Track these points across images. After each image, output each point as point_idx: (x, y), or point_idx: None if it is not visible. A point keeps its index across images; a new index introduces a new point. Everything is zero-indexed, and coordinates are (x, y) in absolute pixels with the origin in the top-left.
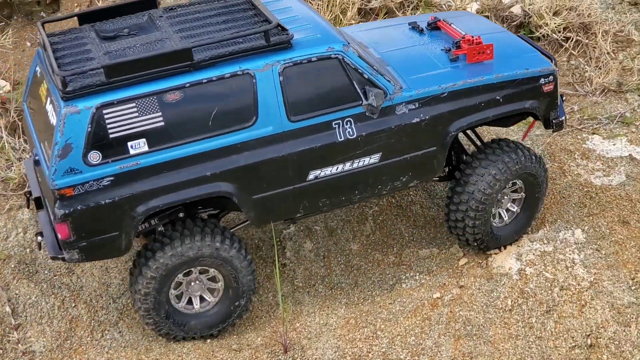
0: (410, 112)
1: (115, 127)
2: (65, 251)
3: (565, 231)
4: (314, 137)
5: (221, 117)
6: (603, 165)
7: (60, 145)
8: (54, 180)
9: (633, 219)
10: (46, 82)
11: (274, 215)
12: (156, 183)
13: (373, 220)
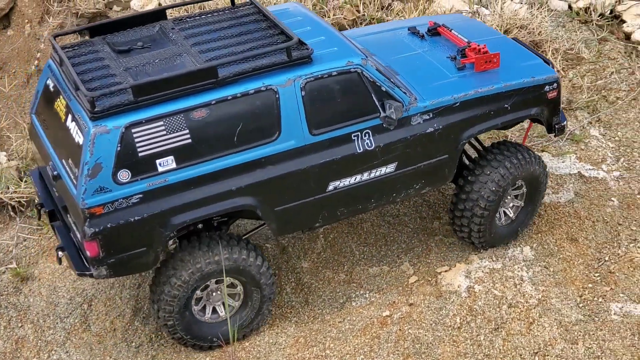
0: (424, 122)
1: (144, 145)
2: (93, 268)
3: (514, 249)
4: (334, 150)
5: (245, 133)
6: (552, 183)
7: (90, 165)
8: (84, 200)
9: (581, 236)
10: (64, 99)
11: (294, 226)
12: (184, 199)
13: (324, 238)
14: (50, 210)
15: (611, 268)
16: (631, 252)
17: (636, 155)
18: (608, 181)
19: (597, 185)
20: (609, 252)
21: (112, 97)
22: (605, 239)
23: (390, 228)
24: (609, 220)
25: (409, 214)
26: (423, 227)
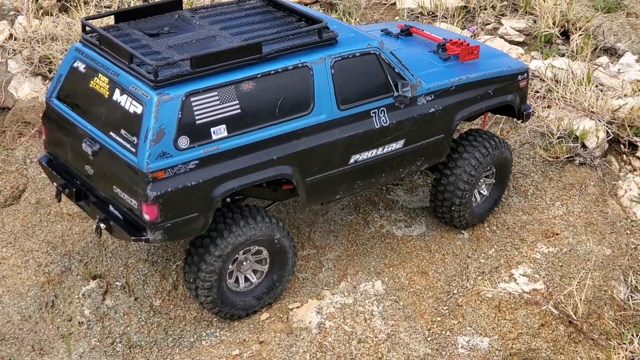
0: (427, 103)
1: (201, 113)
2: (150, 232)
3: (365, 283)
4: (357, 124)
5: (285, 106)
6: (405, 216)
7: (154, 131)
8: (149, 164)
9: (431, 269)
10: (106, 76)
11: (320, 198)
12: (233, 166)
13: (176, 274)
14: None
15: (459, 301)
16: (478, 285)
17: None
18: None
19: None
20: (457, 285)
21: (169, 69)
22: (454, 272)
23: None
24: (459, 253)
25: None
26: None
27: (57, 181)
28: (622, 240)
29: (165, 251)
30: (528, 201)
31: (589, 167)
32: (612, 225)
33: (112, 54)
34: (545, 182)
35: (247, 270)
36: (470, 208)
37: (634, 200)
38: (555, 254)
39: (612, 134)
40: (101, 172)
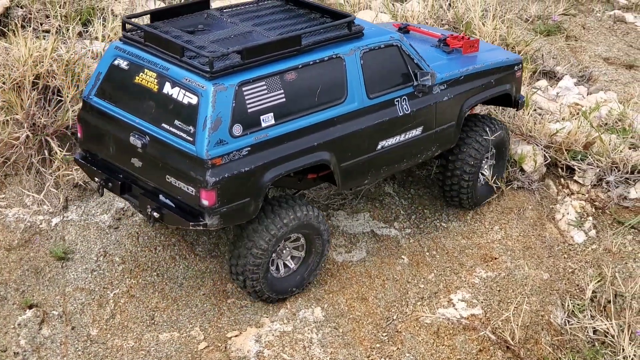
0: (441, 91)
1: (252, 102)
2: (208, 217)
3: (305, 310)
4: (384, 112)
5: (323, 94)
6: (346, 242)
7: (212, 119)
8: (208, 151)
9: (371, 295)
10: (154, 70)
11: (352, 183)
12: (279, 153)
13: (114, 302)
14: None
15: (398, 327)
16: (417, 310)
17: (427, 213)
18: (399, 239)
19: (388, 243)
20: (397, 311)
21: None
22: (394, 298)
23: (182, 291)
24: (399, 279)
25: (202, 276)
26: (216, 290)
27: (99, 176)
28: (559, 264)
29: (102, 279)
30: (467, 225)
31: (527, 191)
32: (550, 249)
33: (160, 49)
34: (484, 206)
35: (287, 257)
36: (476, 189)
37: (571, 224)
38: (493, 279)
39: (550, 158)
40: (151, 163)
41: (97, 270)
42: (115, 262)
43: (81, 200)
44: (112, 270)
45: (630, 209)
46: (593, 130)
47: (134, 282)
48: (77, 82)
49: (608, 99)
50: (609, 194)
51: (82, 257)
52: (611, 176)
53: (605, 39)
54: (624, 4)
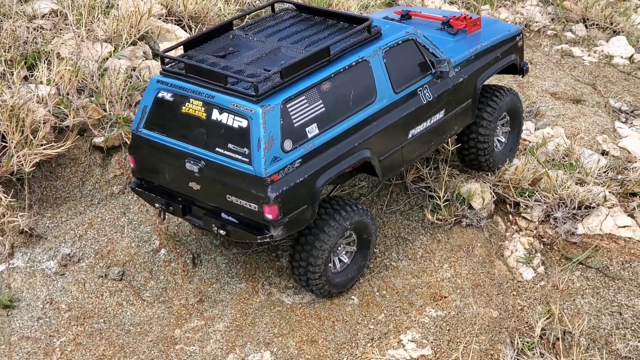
0: (457, 74)
1: (296, 116)
2: (273, 229)
3: (254, 354)
4: (410, 103)
5: (356, 98)
6: (295, 283)
7: (265, 139)
8: (266, 169)
9: (321, 337)
10: (199, 99)
11: (390, 172)
12: (327, 158)
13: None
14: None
15: None
16: (367, 352)
17: (376, 252)
18: None
19: None
20: (347, 353)
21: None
22: (344, 339)
23: (129, 338)
24: (349, 320)
25: (149, 322)
26: (164, 336)
27: (159, 202)
28: (508, 302)
29: (48, 327)
30: (417, 264)
31: (476, 228)
32: (499, 286)
33: (202, 79)
34: (433, 244)
35: (342, 253)
36: (493, 153)
37: (519, 260)
38: (443, 318)
39: (498, 195)
40: (210, 185)
41: (43, 318)
42: (61, 309)
43: (27, 247)
44: (58, 317)
45: (577, 244)
46: (540, 167)
47: (81, 330)
48: (21, 127)
49: (555, 134)
50: (557, 230)
51: (27, 304)
52: (558, 212)
53: (552, 74)
54: (572, 38)
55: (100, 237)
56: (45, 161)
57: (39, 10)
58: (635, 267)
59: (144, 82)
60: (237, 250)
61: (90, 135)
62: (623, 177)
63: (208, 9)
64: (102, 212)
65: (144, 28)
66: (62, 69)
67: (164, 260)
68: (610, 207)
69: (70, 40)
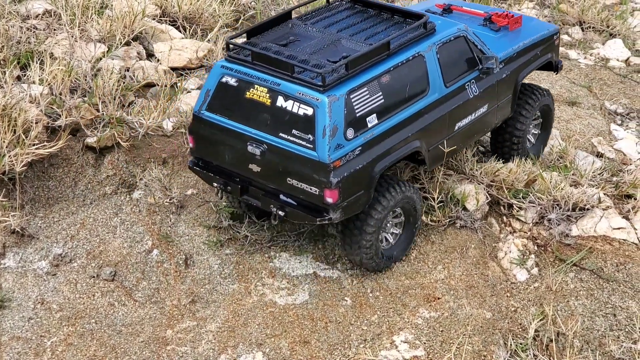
0: (500, 70)
1: (358, 107)
2: (332, 212)
3: (246, 355)
4: (458, 97)
5: (411, 90)
6: (288, 284)
7: (330, 128)
8: (330, 156)
9: (313, 338)
10: (264, 86)
11: (437, 162)
12: (384, 147)
13: (51, 351)
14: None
15: None
16: (360, 353)
17: None
18: (342, 280)
19: (331, 285)
20: (340, 354)
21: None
22: (337, 340)
23: (120, 338)
24: (342, 321)
25: (141, 323)
26: (155, 337)
27: (217, 181)
28: (502, 303)
29: (39, 327)
30: (411, 265)
31: (470, 229)
32: (493, 288)
33: (269, 67)
34: (427, 245)
35: (390, 230)
36: (525, 148)
37: (513, 262)
38: (436, 319)
39: (492, 197)
40: (271, 168)
41: (34, 318)
42: (52, 309)
43: (19, 247)
44: (49, 318)
45: (571, 246)
46: (534, 168)
47: (72, 330)
48: (14, 127)
49: (550, 136)
50: (551, 232)
51: (19, 305)
52: (553, 214)
53: (548, 76)
54: (568, 40)
55: (93, 237)
56: (37, 161)
57: (33, 11)
58: (629, 269)
59: (137, 82)
60: (230, 251)
61: (83, 135)
62: (618, 179)
63: (203, 10)
64: (95, 212)
65: (137, 28)
66: (55, 69)
67: (156, 260)
68: (605, 209)
69: (64, 41)
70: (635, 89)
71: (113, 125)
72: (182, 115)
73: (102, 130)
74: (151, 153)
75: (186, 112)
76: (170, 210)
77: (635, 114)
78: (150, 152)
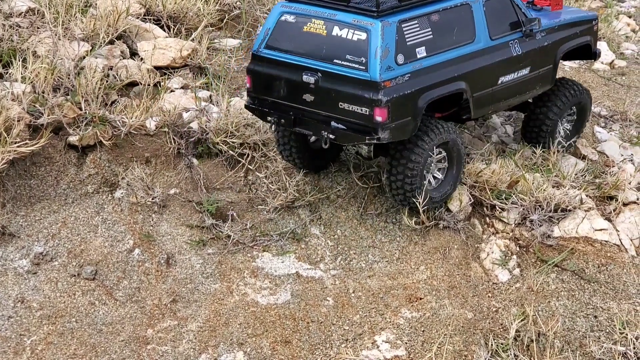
0: (542, 37)
1: (409, 36)
2: (381, 131)
3: (227, 354)
4: (502, 52)
5: (458, 34)
6: (270, 284)
7: (382, 49)
8: (381, 75)
9: (295, 337)
10: (321, 19)
11: (480, 111)
12: (430, 80)
13: (31, 350)
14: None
15: None
16: (341, 353)
17: (353, 254)
18: (324, 280)
19: (314, 285)
20: (321, 354)
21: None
22: (318, 340)
23: (101, 337)
24: (323, 321)
25: (121, 322)
26: (136, 336)
27: (272, 116)
28: (483, 304)
29: (19, 326)
30: (393, 266)
31: (453, 230)
32: (475, 288)
33: (325, 1)
34: (410, 246)
35: (434, 170)
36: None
37: (495, 262)
38: (418, 319)
39: (475, 198)
40: (323, 95)
41: (14, 316)
42: (33, 308)
43: None
44: (29, 316)
45: (553, 247)
46: (517, 169)
47: (52, 329)
48: None
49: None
50: (533, 233)
51: None
52: (535, 215)
53: None
54: None
55: (74, 236)
56: (19, 159)
57: (16, 8)
58: (610, 270)
59: (120, 81)
60: (212, 250)
61: (65, 133)
62: (600, 181)
63: (187, 9)
64: (76, 211)
65: (121, 27)
66: (38, 67)
67: (137, 259)
68: (587, 210)
69: (47, 39)
70: (619, 92)
71: (96, 123)
72: (166, 115)
73: (85, 128)
74: (134, 152)
75: (169, 111)
76: (153, 209)
77: (619, 117)
78: (133, 151)
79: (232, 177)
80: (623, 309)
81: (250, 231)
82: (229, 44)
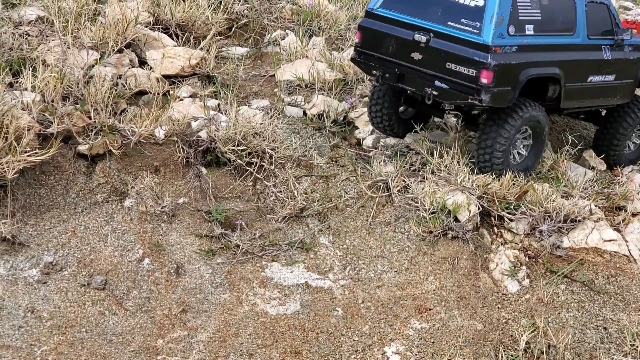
0: (630, 51)
1: (522, 11)
2: (484, 93)
3: None
4: (595, 52)
5: (562, 24)
6: (280, 294)
7: (497, 17)
8: (493, 39)
9: (305, 348)
10: None
11: (570, 102)
12: (533, 58)
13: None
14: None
15: None
16: None
17: (362, 264)
18: (334, 290)
19: (323, 295)
20: None
21: None
22: (328, 351)
23: (111, 347)
24: (333, 331)
25: (131, 332)
26: (146, 346)
27: (378, 70)
28: (493, 315)
29: (29, 336)
30: (402, 276)
31: (462, 240)
32: (484, 299)
33: None
34: (419, 256)
35: (519, 146)
36: (622, 153)
37: (505, 273)
38: (427, 330)
39: (483, 208)
40: (432, 54)
41: (24, 326)
42: (43, 318)
43: (9, 255)
44: (39, 326)
45: (563, 258)
46: (526, 180)
47: (62, 339)
48: (5, 134)
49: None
50: (542, 243)
51: (8, 313)
52: (544, 225)
53: None
54: None
55: (84, 245)
56: (29, 168)
57: (25, 17)
58: (620, 281)
59: (129, 90)
60: (222, 260)
61: (75, 142)
62: (609, 191)
63: (196, 18)
64: (86, 220)
65: (130, 36)
66: (47, 76)
67: (147, 269)
68: (596, 220)
69: (56, 47)
70: None
71: (105, 132)
72: (175, 123)
73: (94, 137)
74: (143, 161)
75: (178, 120)
76: (162, 218)
77: None
78: (142, 160)
79: (241, 186)
80: (633, 321)
81: (259, 241)
82: (237, 53)
